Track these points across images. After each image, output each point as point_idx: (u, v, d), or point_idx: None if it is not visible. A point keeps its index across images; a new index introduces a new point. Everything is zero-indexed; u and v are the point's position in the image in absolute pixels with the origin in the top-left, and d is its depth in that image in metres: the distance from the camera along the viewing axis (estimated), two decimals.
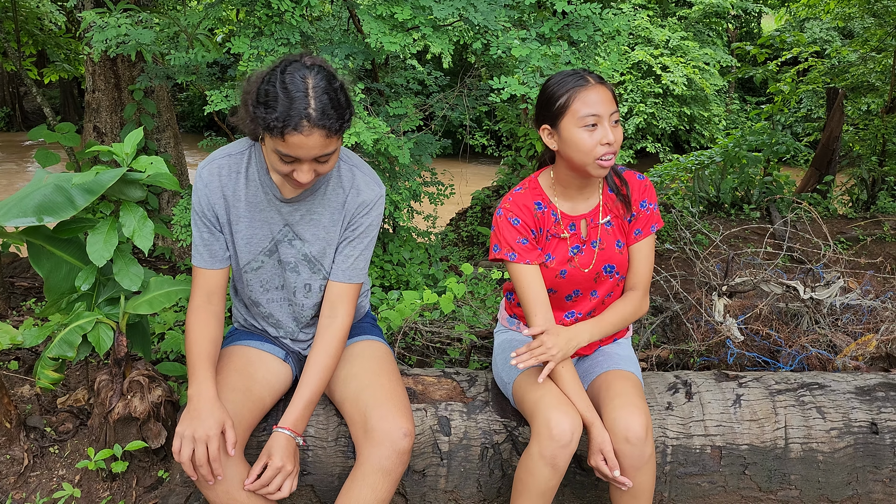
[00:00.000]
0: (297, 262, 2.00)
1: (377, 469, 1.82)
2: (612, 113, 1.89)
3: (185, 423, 1.76)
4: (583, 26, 3.36)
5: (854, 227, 6.22)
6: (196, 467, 1.74)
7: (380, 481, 1.82)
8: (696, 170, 7.41)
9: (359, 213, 1.98)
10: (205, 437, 1.74)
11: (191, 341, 1.91)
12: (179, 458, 1.75)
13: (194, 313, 1.95)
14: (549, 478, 1.86)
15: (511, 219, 2.03)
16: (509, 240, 2.02)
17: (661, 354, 2.91)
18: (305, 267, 2.01)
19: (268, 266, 2.02)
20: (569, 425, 1.84)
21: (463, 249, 5.54)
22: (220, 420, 1.77)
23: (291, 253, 1.99)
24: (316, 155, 1.72)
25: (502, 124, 6.38)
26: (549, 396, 1.91)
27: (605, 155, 1.89)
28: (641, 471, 1.89)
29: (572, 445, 1.85)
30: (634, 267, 2.12)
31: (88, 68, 4.93)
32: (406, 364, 2.93)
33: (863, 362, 2.70)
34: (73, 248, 2.34)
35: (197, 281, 1.99)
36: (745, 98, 16.97)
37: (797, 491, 2.18)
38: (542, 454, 1.85)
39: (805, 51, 8.16)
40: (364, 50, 3.48)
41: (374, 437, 1.84)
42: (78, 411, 2.53)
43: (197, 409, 1.78)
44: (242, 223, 1.96)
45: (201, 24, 3.62)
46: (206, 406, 1.78)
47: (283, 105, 1.65)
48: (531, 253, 2.03)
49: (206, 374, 1.85)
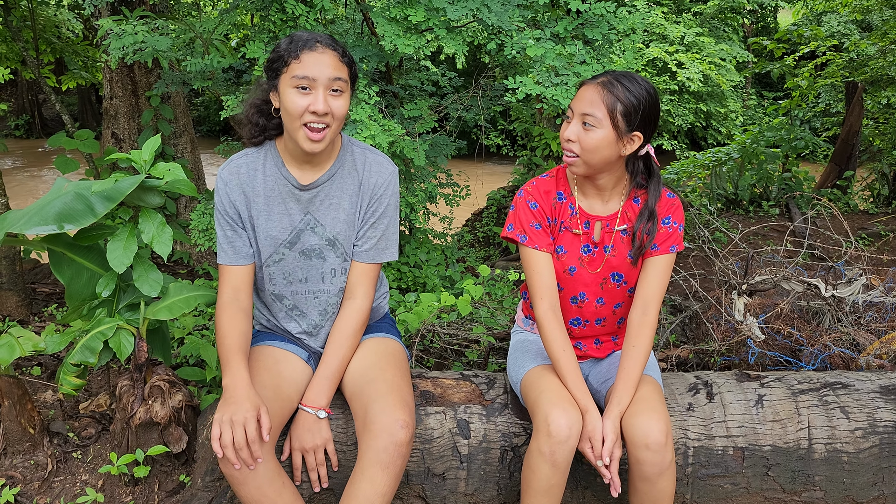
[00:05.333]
0: (321, 247, 2.06)
1: (375, 462, 1.81)
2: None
3: (222, 410, 1.80)
4: (597, 25, 3.35)
5: (875, 223, 6.13)
6: (237, 451, 1.76)
7: (379, 474, 1.81)
8: (714, 167, 7.35)
9: (376, 193, 2.05)
10: (242, 420, 1.76)
11: (222, 335, 1.95)
12: (220, 444, 1.76)
13: (223, 310, 1.99)
14: (550, 475, 1.85)
15: (530, 202, 2.05)
16: (524, 222, 2.04)
17: (681, 354, 2.88)
18: (331, 252, 2.07)
19: (289, 258, 2.06)
20: (566, 422, 1.83)
21: (479, 250, 5.54)
22: (256, 404, 1.81)
23: (315, 240, 2.05)
24: (331, 75, 1.84)
25: (517, 124, 6.37)
26: (548, 393, 1.92)
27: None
28: (662, 476, 1.87)
29: (571, 442, 1.84)
30: (644, 281, 2.03)
31: (106, 75, 4.98)
32: (425, 367, 2.93)
33: (887, 360, 2.66)
34: (94, 254, 2.36)
35: (224, 278, 2.03)
36: (763, 94, 16.81)
37: (822, 492, 2.15)
38: (542, 451, 1.85)
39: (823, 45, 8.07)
40: (378, 52, 3.49)
41: (372, 429, 1.84)
42: (100, 416, 2.55)
43: (233, 395, 1.82)
44: (262, 217, 2.02)
45: (217, 30, 3.65)
46: (242, 392, 1.82)
47: (294, 41, 1.86)
48: (543, 239, 2.03)
49: (240, 364, 1.89)
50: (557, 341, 1.99)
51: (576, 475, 2.12)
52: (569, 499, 2.15)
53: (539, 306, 2.02)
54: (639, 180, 2.03)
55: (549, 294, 2.02)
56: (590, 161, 1.91)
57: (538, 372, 2.05)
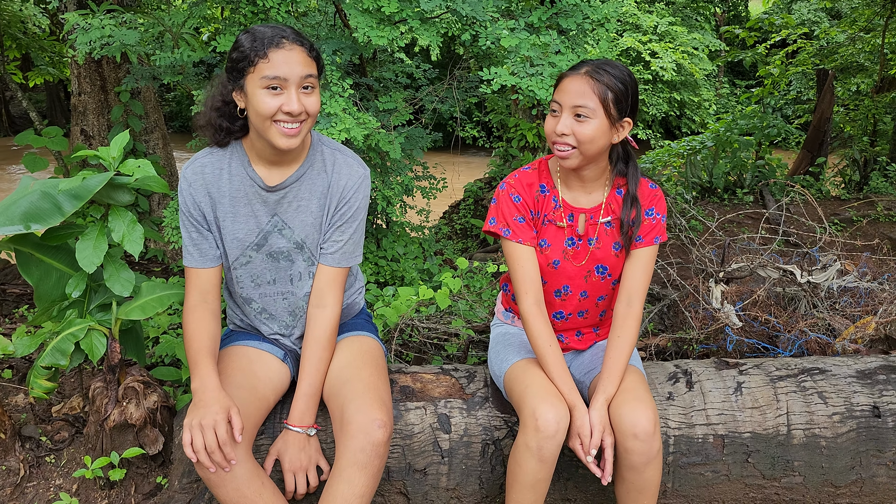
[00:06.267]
0: (289, 250, 2.01)
1: (352, 462, 1.79)
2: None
3: (192, 414, 1.77)
4: (572, 14, 3.33)
5: (848, 209, 6.22)
6: (209, 454, 1.74)
7: (356, 475, 1.78)
8: (689, 155, 7.40)
9: (345, 195, 1.99)
10: (212, 423, 1.74)
11: (189, 338, 1.91)
12: (192, 449, 1.74)
13: (190, 312, 1.95)
14: (537, 469, 1.85)
15: (513, 195, 2.02)
16: (507, 215, 2.01)
17: (660, 343, 2.89)
18: (299, 255, 2.02)
19: (257, 261, 2.02)
20: (553, 416, 1.82)
21: (458, 242, 5.52)
22: (226, 406, 1.78)
23: (283, 242, 2.00)
24: (302, 73, 1.77)
25: (493, 115, 6.36)
26: (535, 387, 1.90)
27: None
28: (650, 465, 1.87)
29: (559, 436, 1.83)
30: (629, 273, 2.04)
31: (73, 71, 4.88)
32: (404, 361, 2.91)
33: (862, 345, 2.69)
34: (63, 254, 2.30)
35: (190, 281, 1.98)
36: (735, 82, 16.96)
37: (801, 477, 2.17)
38: (529, 445, 1.83)
39: (794, 33, 8.14)
40: (351, 45, 3.44)
41: (349, 429, 1.81)
42: (73, 419, 2.50)
43: (202, 399, 1.79)
44: (228, 219, 1.96)
45: (186, 24, 3.58)
46: (211, 395, 1.80)
47: (257, 38, 1.77)
48: (526, 233, 2.01)
49: (208, 367, 1.86)
50: (543, 336, 1.98)
51: (558, 467, 2.12)
52: (551, 490, 2.14)
53: (524, 301, 2.00)
54: (620, 167, 2.03)
55: (533, 288, 2.00)
56: (587, 152, 1.89)
57: (522, 366, 2.03)
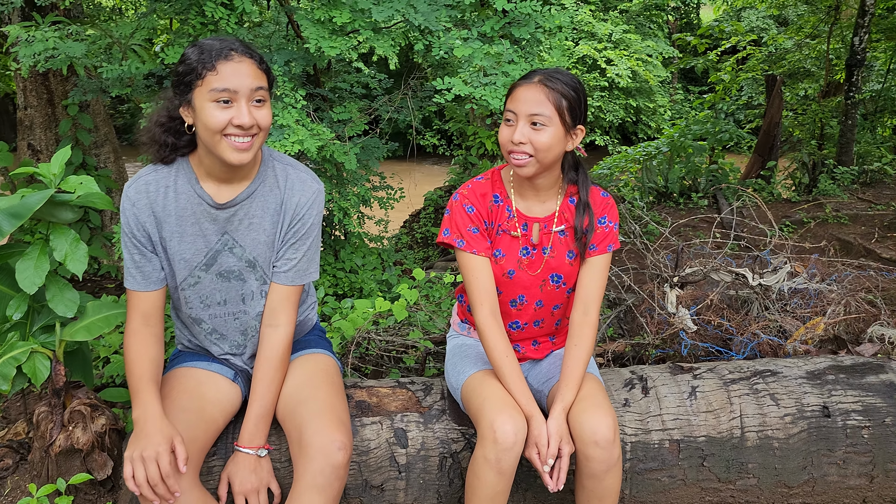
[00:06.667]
0: (240, 269, 1.95)
1: (311, 486, 1.75)
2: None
3: (132, 446, 1.70)
4: (524, 23, 3.35)
5: (798, 211, 6.37)
6: (152, 487, 1.68)
7: (316, 498, 1.74)
8: (644, 161, 7.51)
9: (298, 212, 1.94)
10: (154, 455, 1.67)
11: (131, 363, 1.85)
12: (135, 483, 1.67)
13: (132, 336, 1.88)
14: (495, 482, 1.83)
15: (466, 206, 2.00)
16: (461, 226, 2.00)
17: (618, 349, 2.91)
18: (251, 273, 1.96)
19: (206, 281, 1.95)
20: (512, 428, 1.81)
21: (418, 251, 5.51)
22: (169, 436, 1.71)
23: (233, 261, 1.94)
24: (252, 86, 1.73)
25: (451, 123, 6.37)
26: (492, 399, 1.89)
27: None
28: (610, 473, 1.87)
29: (516, 448, 1.82)
30: (584, 281, 2.05)
31: (19, 84, 4.75)
32: (362, 374, 2.88)
33: (812, 346, 2.75)
34: (4, 275, 2.22)
35: (132, 304, 1.91)
36: (689, 88, 17.31)
37: (755, 479, 2.19)
38: (487, 458, 1.82)
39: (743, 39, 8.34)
40: (305, 55, 3.41)
41: (307, 452, 1.77)
42: (18, 446, 2.41)
43: (144, 429, 1.72)
44: (174, 240, 1.89)
45: (135, 35, 3.51)
46: (153, 425, 1.73)
47: (205, 51, 1.72)
48: (480, 243, 2.00)
49: (150, 394, 1.79)
50: (499, 347, 1.97)
51: (517, 478, 2.11)
52: (509, 501, 2.13)
53: (479, 312, 1.99)
54: (571, 175, 2.04)
55: (488, 299, 1.99)
56: (544, 160, 1.90)
57: (479, 378, 2.02)
